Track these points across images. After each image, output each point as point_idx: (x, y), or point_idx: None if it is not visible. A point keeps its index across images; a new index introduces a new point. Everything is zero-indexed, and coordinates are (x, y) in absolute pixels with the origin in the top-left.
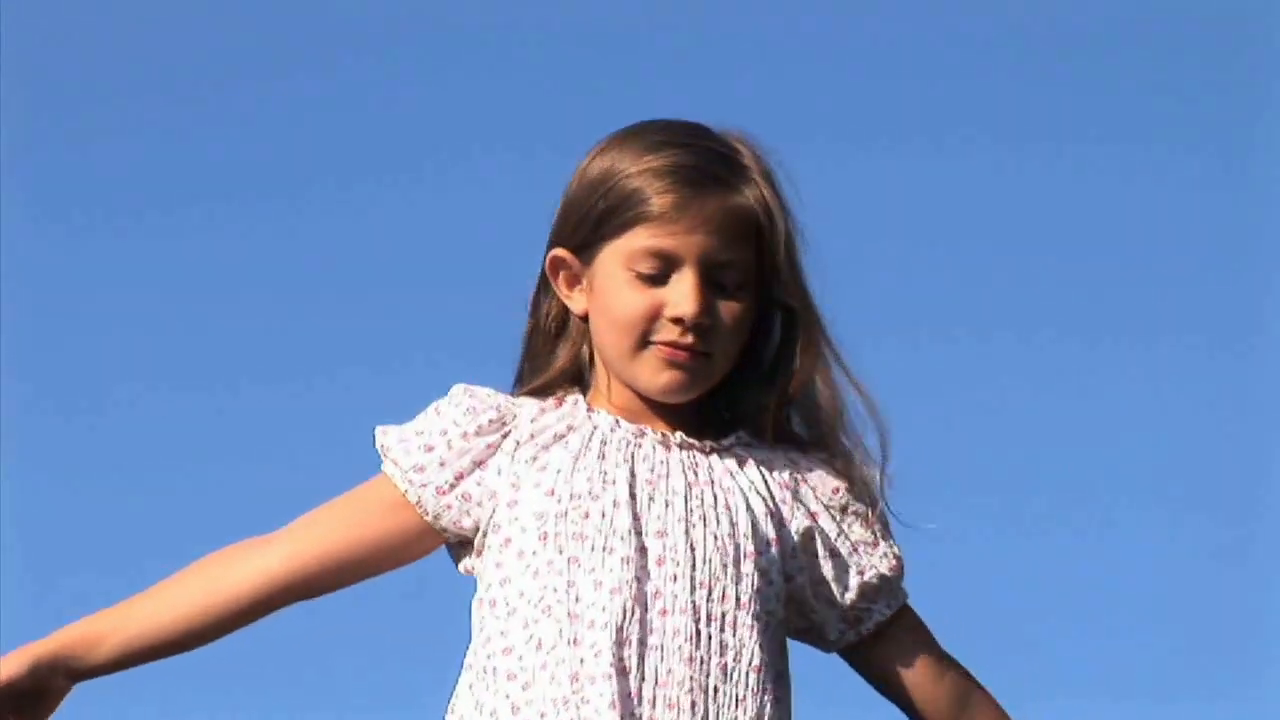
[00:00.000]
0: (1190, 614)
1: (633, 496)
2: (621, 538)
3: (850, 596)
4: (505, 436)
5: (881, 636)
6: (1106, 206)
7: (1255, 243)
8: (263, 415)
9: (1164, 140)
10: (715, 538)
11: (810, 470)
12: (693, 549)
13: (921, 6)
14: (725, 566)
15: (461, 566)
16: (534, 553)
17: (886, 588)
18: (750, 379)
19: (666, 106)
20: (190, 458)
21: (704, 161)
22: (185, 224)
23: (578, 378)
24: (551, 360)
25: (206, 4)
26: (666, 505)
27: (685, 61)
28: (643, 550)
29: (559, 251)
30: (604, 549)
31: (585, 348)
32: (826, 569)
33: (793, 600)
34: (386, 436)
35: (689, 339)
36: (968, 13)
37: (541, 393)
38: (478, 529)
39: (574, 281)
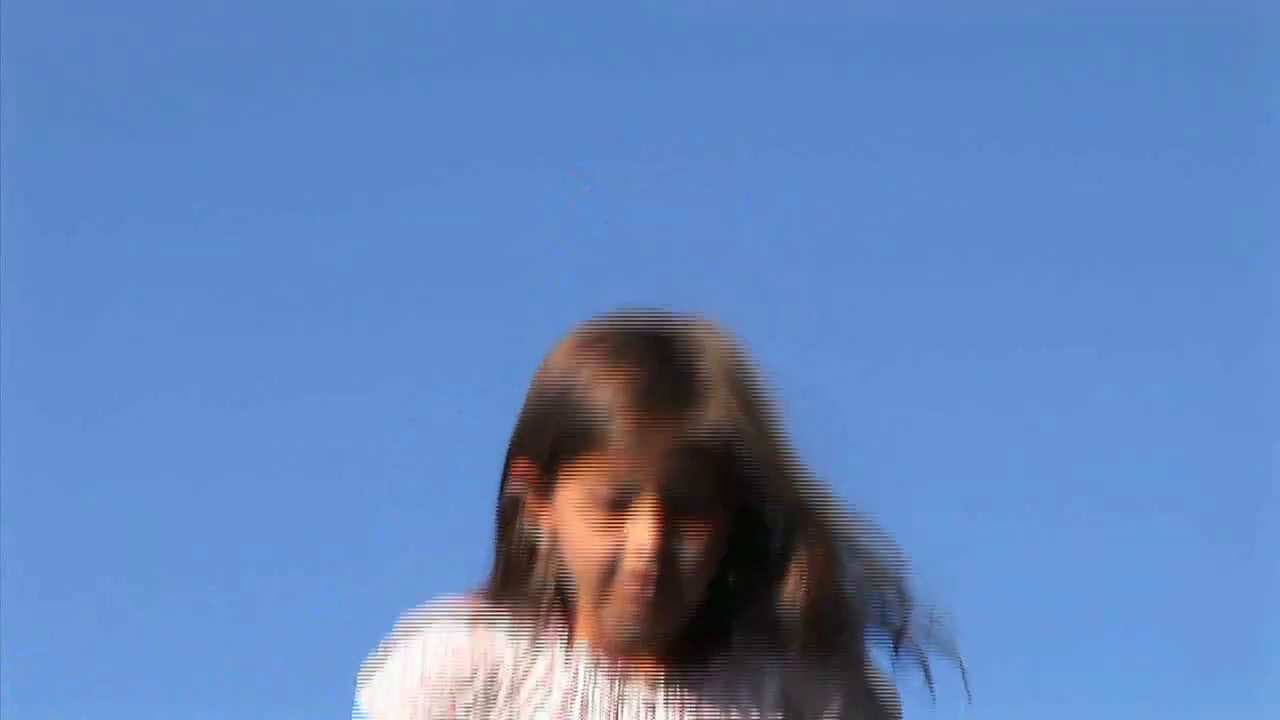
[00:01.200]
0: (1191, 615)
1: None
2: None
3: None
4: (491, 706)
5: None
6: (1106, 213)
7: (1258, 245)
8: (264, 422)
9: (1163, 146)
10: None
11: (807, 682)
12: None
13: (917, 12)
14: None
15: None
16: None
17: None
18: (744, 578)
19: (669, 108)
20: (192, 464)
21: (660, 382)
22: (187, 227)
23: (559, 588)
24: (530, 580)
25: (207, 6)
26: None
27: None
28: None
29: (522, 468)
30: None
31: (562, 565)
32: None
33: None
34: None
35: (652, 579)
36: (968, 15)
37: (524, 605)
38: None
39: (541, 498)
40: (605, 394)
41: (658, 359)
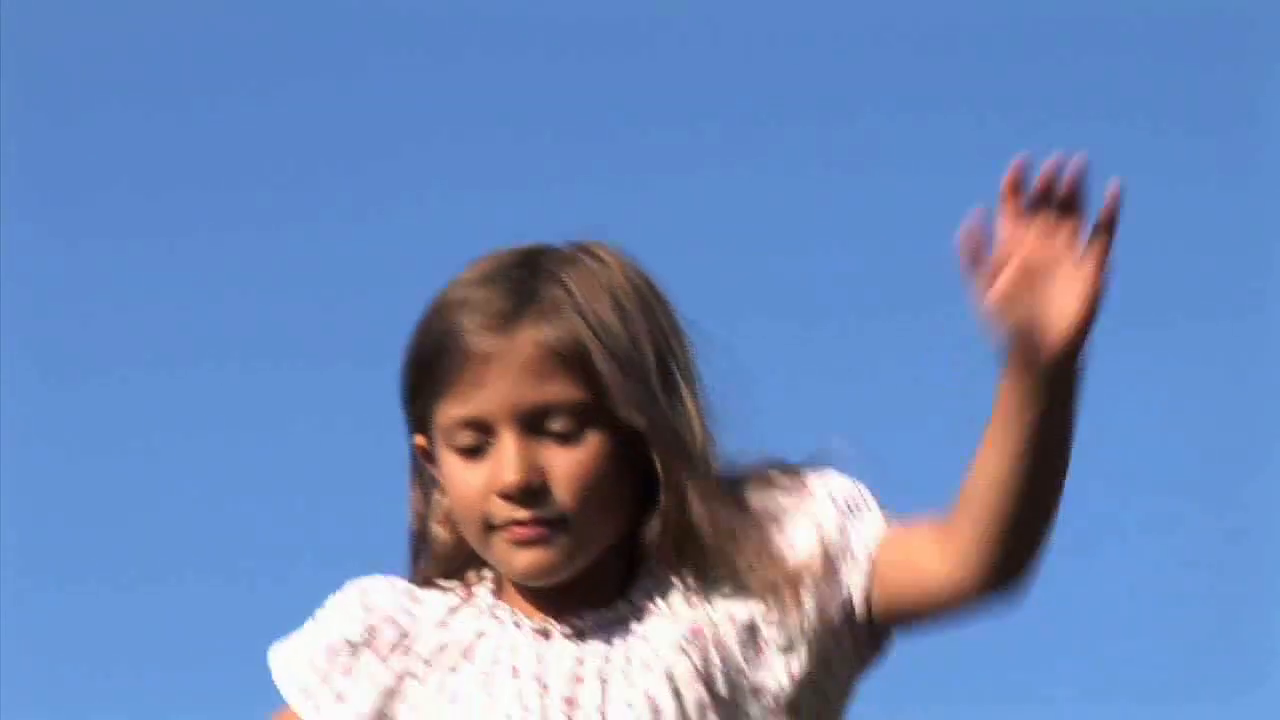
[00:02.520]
0: (1192, 613)
1: None
2: None
3: (801, 672)
4: (409, 656)
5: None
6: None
7: (1257, 233)
8: (261, 418)
9: (1164, 127)
10: None
11: (720, 598)
12: None
13: None
14: None
15: None
16: None
17: (823, 653)
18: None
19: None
20: (189, 461)
21: (502, 298)
22: (187, 221)
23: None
24: (446, 547)
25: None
26: None
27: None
28: None
29: (418, 441)
30: None
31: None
32: (758, 676)
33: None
34: (290, 694)
35: (525, 513)
36: None
37: (449, 574)
38: None
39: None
40: (450, 322)
41: (508, 282)
